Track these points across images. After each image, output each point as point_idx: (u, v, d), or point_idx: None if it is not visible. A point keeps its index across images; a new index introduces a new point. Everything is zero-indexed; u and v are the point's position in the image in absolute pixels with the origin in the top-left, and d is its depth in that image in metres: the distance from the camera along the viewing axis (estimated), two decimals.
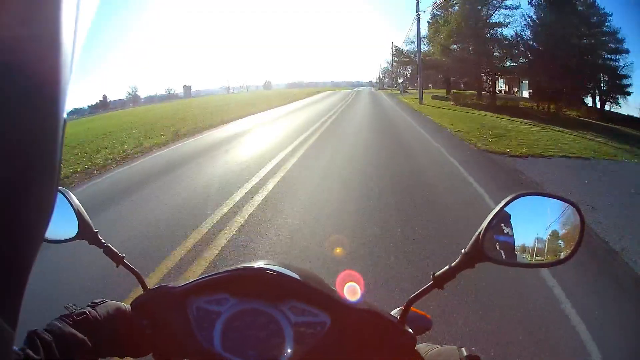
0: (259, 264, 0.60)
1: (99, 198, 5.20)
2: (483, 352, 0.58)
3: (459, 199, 4.27)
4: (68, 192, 0.63)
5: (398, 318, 0.58)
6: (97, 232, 0.65)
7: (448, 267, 0.55)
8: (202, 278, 0.61)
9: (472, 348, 0.51)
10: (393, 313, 0.61)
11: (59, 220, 0.63)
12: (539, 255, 0.52)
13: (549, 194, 0.54)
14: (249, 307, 0.58)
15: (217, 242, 3.26)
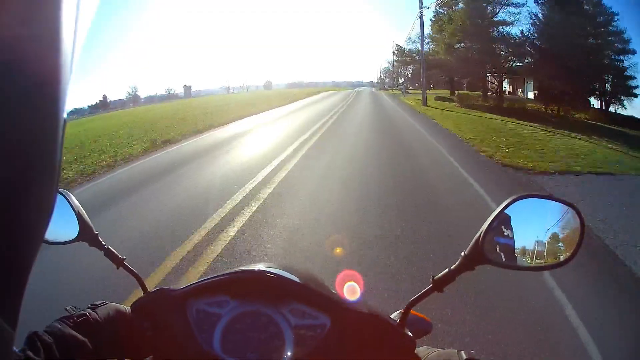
0: (259, 267, 0.60)
1: None
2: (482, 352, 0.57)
3: None
4: (69, 194, 0.63)
5: (398, 321, 0.58)
6: (97, 234, 0.65)
7: (448, 270, 0.55)
8: (202, 280, 0.60)
9: (471, 351, 0.51)
10: (393, 316, 0.61)
11: (60, 222, 0.63)
12: (539, 258, 0.52)
13: (549, 197, 0.54)
14: (249, 309, 0.58)
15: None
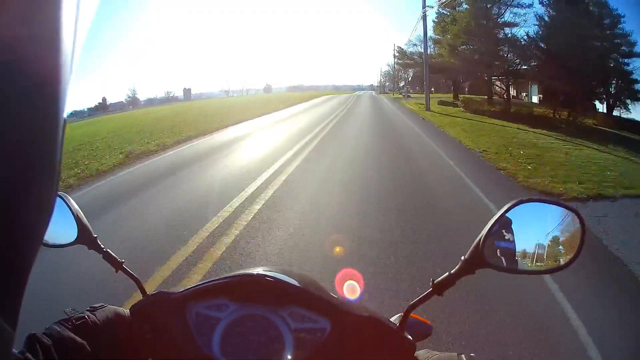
0: (259, 270, 0.60)
1: None
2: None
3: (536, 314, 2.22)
4: (67, 197, 0.63)
5: (398, 324, 0.58)
6: (96, 237, 0.65)
7: (448, 273, 0.55)
8: (201, 284, 0.60)
9: (471, 355, 0.51)
10: (393, 319, 0.61)
11: (59, 225, 0.62)
12: (540, 262, 0.52)
13: (550, 200, 0.54)
14: (249, 313, 0.58)
15: None
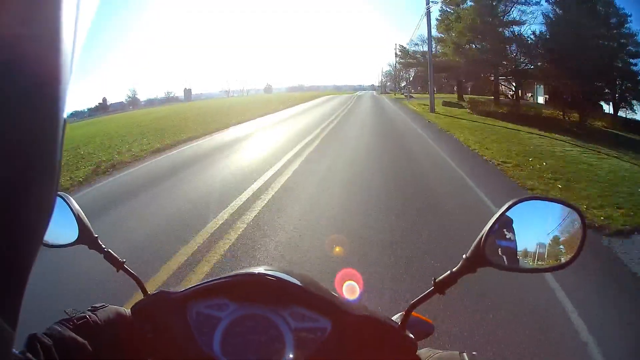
0: (259, 270, 0.60)
1: None
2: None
3: None
4: (68, 197, 0.63)
5: (399, 323, 0.58)
6: (97, 237, 0.65)
7: (449, 272, 0.55)
8: (202, 283, 0.60)
9: (473, 353, 0.51)
10: (394, 318, 0.61)
11: (59, 225, 0.62)
12: (541, 260, 0.52)
13: (551, 198, 0.54)
14: (250, 312, 0.58)
15: None
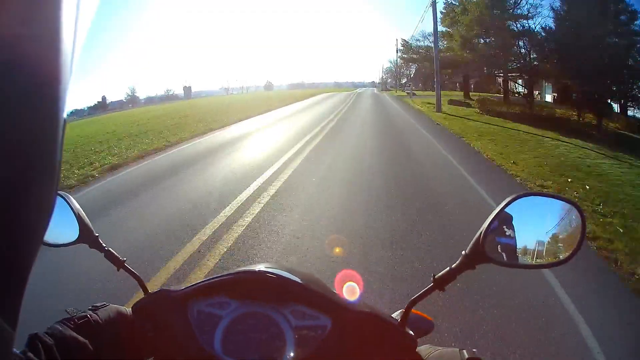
0: (260, 267, 0.60)
1: None
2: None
3: None
4: (68, 196, 0.63)
5: (399, 320, 0.58)
6: (97, 236, 0.65)
7: (449, 268, 0.55)
8: (203, 281, 0.60)
9: (473, 350, 0.51)
10: (394, 315, 0.61)
11: (60, 224, 0.62)
12: (541, 255, 0.52)
13: (550, 194, 0.54)
14: (250, 310, 0.58)
15: None
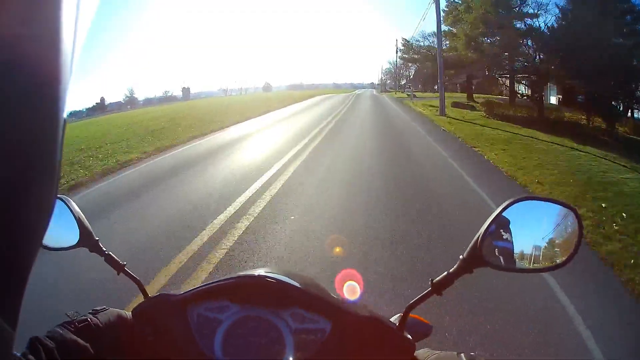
0: (259, 272, 0.60)
1: None
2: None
3: None
4: (69, 199, 0.63)
5: (397, 324, 0.58)
6: (98, 240, 0.64)
7: (446, 273, 0.55)
8: (202, 286, 0.60)
9: (471, 354, 0.51)
10: (392, 319, 0.61)
11: (60, 228, 0.62)
12: (538, 259, 0.52)
13: (548, 199, 0.54)
14: (250, 314, 0.58)
15: None
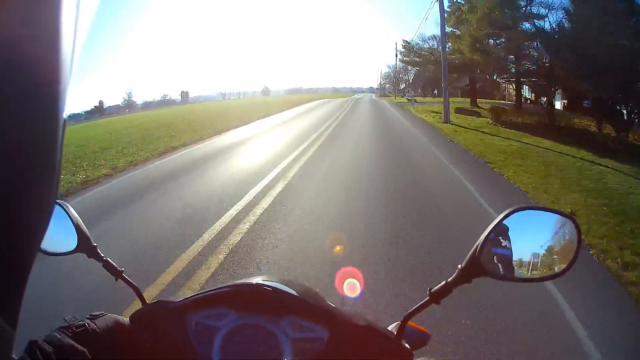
0: (257, 280, 0.60)
1: None
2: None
3: None
4: (67, 205, 0.63)
5: (395, 333, 0.58)
6: (96, 245, 0.64)
7: (445, 282, 0.55)
8: (200, 293, 0.60)
9: None
10: (390, 328, 0.61)
11: (58, 233, 0.62)
12: (537, 269, 0.52)
13: (547, 208, 0.54)
14: (248, 322, 0.58)
15: None
